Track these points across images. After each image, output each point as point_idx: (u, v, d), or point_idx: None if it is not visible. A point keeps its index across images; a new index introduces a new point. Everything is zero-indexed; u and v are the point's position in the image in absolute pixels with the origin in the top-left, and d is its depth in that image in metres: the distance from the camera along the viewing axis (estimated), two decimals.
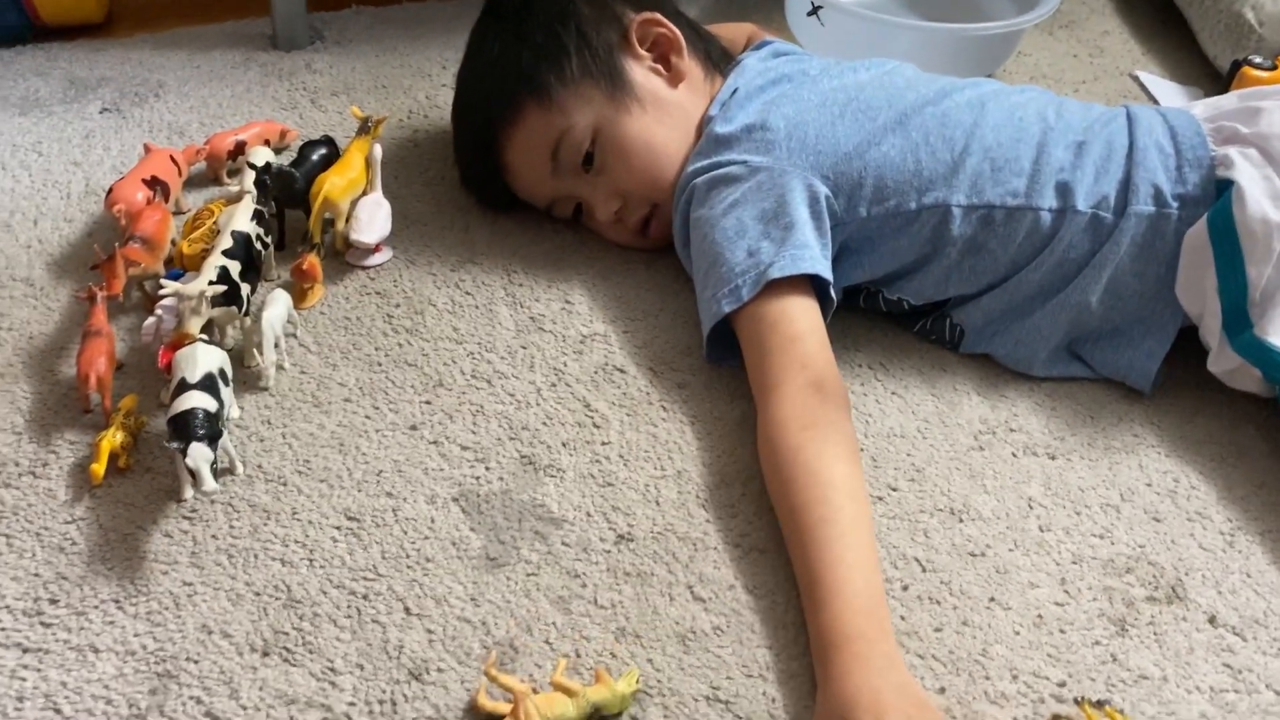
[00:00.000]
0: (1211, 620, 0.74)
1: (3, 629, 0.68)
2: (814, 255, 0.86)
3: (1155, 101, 1.31)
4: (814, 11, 1.27)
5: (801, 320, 0.85)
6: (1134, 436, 0.88)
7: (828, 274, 0.86)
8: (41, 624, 0.69)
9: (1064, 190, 0.89)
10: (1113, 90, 1.35)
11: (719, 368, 0.90)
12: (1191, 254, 0.87)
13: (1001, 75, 1.35)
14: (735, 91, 0.97)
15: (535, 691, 0.64)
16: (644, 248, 1.02)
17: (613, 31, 0.99)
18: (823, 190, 0.89)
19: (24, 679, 0.66)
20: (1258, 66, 1.20)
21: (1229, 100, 0.94)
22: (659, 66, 1.00)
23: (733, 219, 0.88)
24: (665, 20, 1.01)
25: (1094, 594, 0.75)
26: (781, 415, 0.79)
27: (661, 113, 0.98)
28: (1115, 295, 0.90)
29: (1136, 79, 1.37)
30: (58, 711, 0.64)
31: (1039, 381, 0.92)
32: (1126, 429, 0.88)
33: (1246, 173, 0.84)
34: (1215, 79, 1.35)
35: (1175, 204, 0.88)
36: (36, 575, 0.71)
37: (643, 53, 0.99)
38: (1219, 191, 0.86)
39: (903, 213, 0.90)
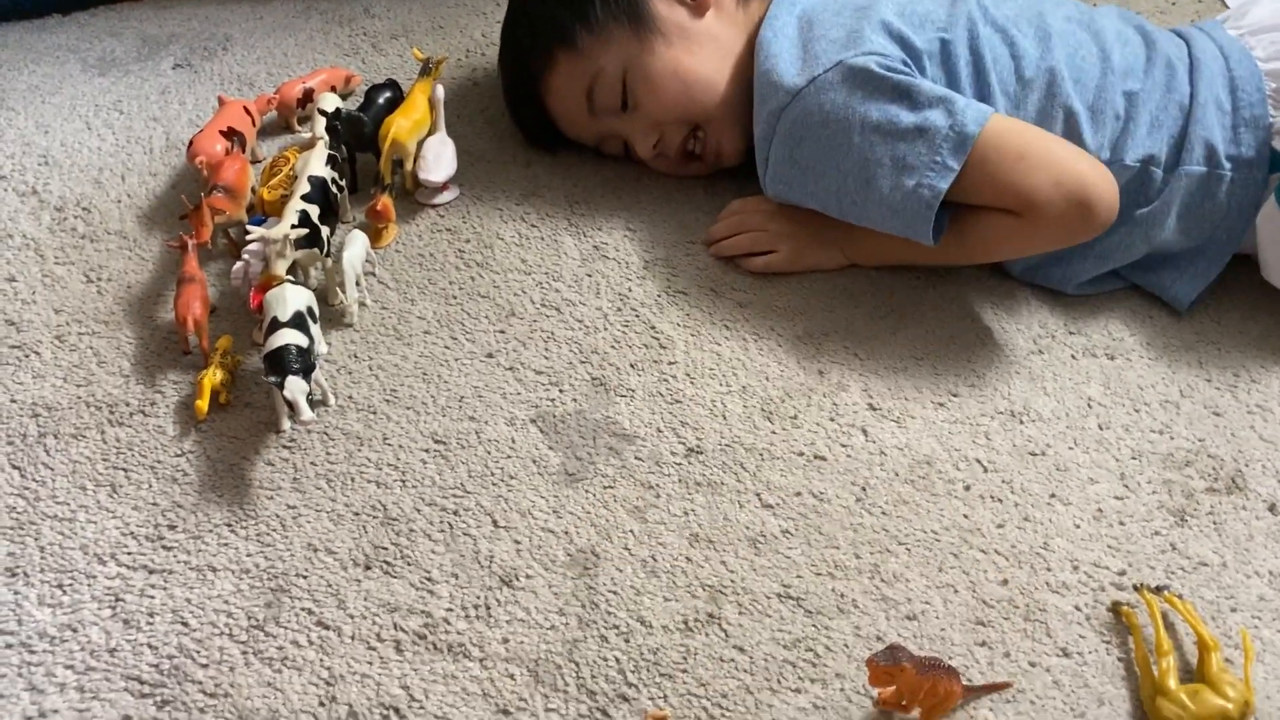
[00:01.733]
0: (1272, 508, 0.76)
1: (129, 553, 0.75)
2: (973, 103, 0.86)
3: (1226, 7, 1.29)
4: None
5: (1010, 129, 0.85)
6: (1194, 334, 0.89)
7: (990, 108, 0.86)
8: (163, 548, 0.75)
9: (1116, 141, 0.88)
10: None
11: (777, 286, 0.93)
12: (1275, 233, 0.86)
13: None
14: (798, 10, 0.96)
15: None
16: (696, 174, 1.04)
17: None
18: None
19: (152, 597, 0.72)
20: None
21: None
22: None
23: (875, 110, 0.86)
24: None
25: (1153, 487, 0.78)
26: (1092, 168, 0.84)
27: (689, 43, 0.98)
28: (1157, 247, 0.90)
29: None
30: (185, 625, 0.71)
31: None
32: (1186, 327, 0.89)
33: None
34: None
35: (1229, 165, 0.87)
36: (154, 504, 0.78)
37: None
38: (1273, 153, 0.86)
39: None
